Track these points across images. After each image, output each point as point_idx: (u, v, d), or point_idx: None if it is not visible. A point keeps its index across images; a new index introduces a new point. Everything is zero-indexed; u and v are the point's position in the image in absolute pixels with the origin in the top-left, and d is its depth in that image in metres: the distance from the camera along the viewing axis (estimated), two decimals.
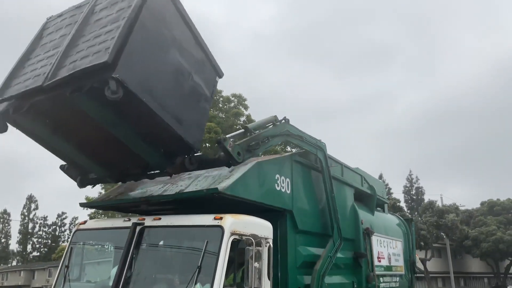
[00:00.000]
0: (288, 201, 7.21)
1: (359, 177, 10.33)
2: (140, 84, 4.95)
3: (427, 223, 38.42)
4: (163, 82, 5.40)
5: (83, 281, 6.65)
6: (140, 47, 5.07)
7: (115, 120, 5.33)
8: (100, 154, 6.01)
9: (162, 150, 5.85)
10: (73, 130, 5.69)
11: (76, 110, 5.19)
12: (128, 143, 5.60)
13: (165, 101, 5.33)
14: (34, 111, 5.38)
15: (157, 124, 5.31)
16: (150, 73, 5.19)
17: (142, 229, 5.97)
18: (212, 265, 5.27)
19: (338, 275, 8.37)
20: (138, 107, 5.04)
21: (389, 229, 11.16)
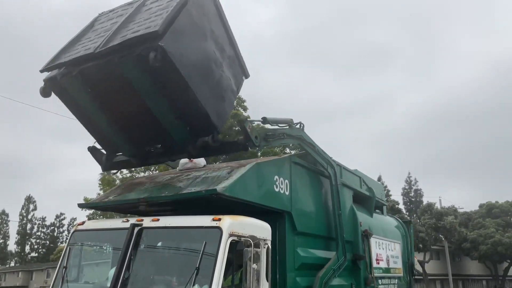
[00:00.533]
0: (286, 202, 7.20)
1: (357, 179, 10.33)
2: (180, 57, 5.58)
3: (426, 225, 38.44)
4: (198, 64, 6.04)
5: (81, 282, 6.63)
6: (184, 29, 5.81)
7: (152, 90, 5.79)
8: (131, 128, 6.36)
9: (188, 128, 6.20)
10: (111, 100, 6.11)
11: (119, 78, 5.70)
12: (159, 116, 5.98)
13: (198, 80, 5.92)
14: (81, 78, 5.90)
15: (188, 98, 5.82)
16: (189, 52, 5.85)
17: (140, 230, 5.96)
18: (210, 267, 5.26)
19: (336, 277, 8.36)
20: (175, 79, 5.62)
21: (387, 231, 11.16)
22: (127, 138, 6.48)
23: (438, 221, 38.36)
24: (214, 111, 6.18)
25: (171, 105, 5.96)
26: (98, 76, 5.88)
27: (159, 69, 5.40)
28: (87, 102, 6.17)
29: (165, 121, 6.04)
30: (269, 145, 6.99)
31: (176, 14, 5.62)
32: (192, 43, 5.98)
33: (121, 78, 5.71)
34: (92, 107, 6.19)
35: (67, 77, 5.94)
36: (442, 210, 40.71)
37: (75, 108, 6.38)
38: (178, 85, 5.70)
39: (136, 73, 5.64)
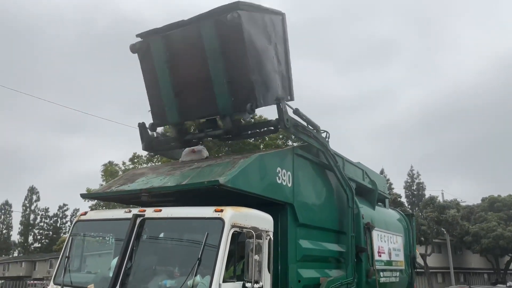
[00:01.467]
0: (289, 194, 7.19)
1: (360, 171, 10.30)
2: (247, 31, 6.79)
3: (428, 218, 38.44)
4: (259, 51, 7.16)
5: (84, 272, 6.66)
6: (258, 23, 7.25)
7: (217, 52, 6.83)
8: (186, 94, 7.30)
9: (232, 99, 6.94)
10: (180, 65, 7.21)
11: (196, 43, 6.94)
12: (214, 77, 6.92)
13: (254, 58, 6.95)
14: (166, 41, 7.17)
15: (242, 66, 6.82)
16: (255, 38, 7.05)
17: (142, 221, 5.96)
18: (212, 257, 5.27)
19: (338, 269, 8.37)
20: (238, 45, 6.75)
21: (389, 224, 11.14)
22: (178, 105, 7.37)
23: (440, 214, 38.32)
24: (259, 88, 6.97)
25: (227, 67, 6.88)
26: (180, 41, 7.16)
27: (229, 33, 6.71)
28: (162, 63, 7.25)
29: (217, 83, 6.91)
30: (296, 134, 7.42)
31: (257, 9, 7.21)
32: (259, 36, 7.23)
33: (197, 42, 6.92)
34: (163, 69, 7.26)
35: (156, 37, 7.26)
36: (444, 204, 40.65)
37: (149, 70, 7.46)
38: (239, 52, 6.78)
39: (211, 34, 6.82)
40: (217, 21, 6.78)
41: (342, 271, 8.44)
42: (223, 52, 6.86)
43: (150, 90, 7.66)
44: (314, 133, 7.80)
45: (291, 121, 7.16)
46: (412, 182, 59.28)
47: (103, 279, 6.02)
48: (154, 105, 7.71)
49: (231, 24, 6.57)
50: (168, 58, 7.24)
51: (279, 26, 7.94)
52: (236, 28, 6.64)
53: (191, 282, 5.17)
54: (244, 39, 6.71)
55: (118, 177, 7.66)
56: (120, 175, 7.64)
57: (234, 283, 5.41)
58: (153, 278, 5.78)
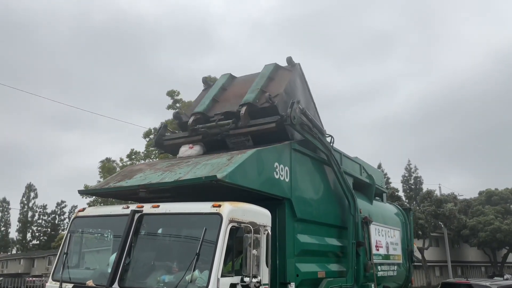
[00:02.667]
0: (286, 189, 7.21)
1: (358, 166, 10.33)
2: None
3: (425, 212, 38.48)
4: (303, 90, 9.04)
5: (82, 268, 6.67)
6: (296, 85, 8.82)
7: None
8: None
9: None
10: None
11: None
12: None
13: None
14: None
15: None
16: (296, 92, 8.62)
17: (140, 217, 5.97)
18: (210, 252, 5.28)
19: (336, 263, 8.41)
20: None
21: (387, 218, 11.19)
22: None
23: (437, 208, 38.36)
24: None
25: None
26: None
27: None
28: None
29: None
30: (302, 132, 7.63)
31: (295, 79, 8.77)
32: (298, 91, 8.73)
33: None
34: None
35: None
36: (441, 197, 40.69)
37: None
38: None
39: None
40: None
41: (341, 265, 8.48)
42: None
43: None
44: (319, 136, 8.07)
45: (298, 119, 7.41)
46: (409, 176, 59.25)
47: (101, 275, 6.03)
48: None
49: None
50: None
51: (299, 85, 8.97)
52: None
53: (190, 277, 5.19)
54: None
55: (116, 174, 7.66)
56: (117, 172, 7.63)
57: (233, 277, 5.43)
58: (152, 273, 5.80)
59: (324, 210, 8.27)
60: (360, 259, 9.07)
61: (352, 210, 8.75)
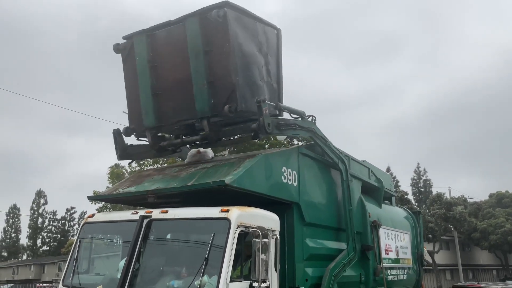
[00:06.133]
0: (295, 193, 7.20)
1: (366, 169, 10.28)
2: (234, 32, 6.55)
3: (435, 215, 38.26)
4: (246, 54, 6.82)
5: (92, 274, 6.70)
6: (248, 29, 6.95)
7: (200, 50, 6.55)
8: (165, 97, 7.02)
9: (212, 101, 6.61)
10: (162, 65, 7.00)
11: (179, 41, 6.74)
12: (194, 76, 6.61)
13: (240, 62, 6.61)
14: (151, 39, 7.02)
15: (225, 67, 6.52)
16: (243, 41, 6.76)
17: (149, 222, 6.00)
18: (219, 257, 5.29)
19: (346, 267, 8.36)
20: (223, 45, 6.49)
21: (396, 222, 11.12)
22: (156, 108, 7.06)
23: (447, 211, 38.14)
24: (241, 91, 6.57)
25: (209, 67, 6.57)
26: (164, 40, 7.00)
27: (214, 32, 6.49)
28: (144, 62, 7.02)
29: (197, 83, 6.59)
30: (280, 133, 7.12)
31: (248, 15, 6.95)
32: (248, 40, 6.90)
33: (181, 40, 6.72)
34: (144, 69, 7.02)
35: (141, 34, 7.09)
36: (451, 200, 40.46)
37: (130, 70, 7.27)
38: (222, 51, 6.50)
39: (195, 31, 6.57)
40: (202, 19, 6.58)
41: (350, 269, 8.44)
42: (207, 51, 6.59)
43: (130, 92, 7.45)
44: (298, 122, 7.39)
45: (273, 122, 6.68)
46: (418, 179, 58.92)
47: (111, 280, 6.05)
48: (132, 108, 7.42)
49: (216, 20, 6.40)
50: (150, 58, 7.04)
51: (273, 40, 7.63)
52: (222, 25, 6.44)
53: (199, 282, 5.20)
54: (229, 37, 6.46)
55: (125, 179, 7.70)
56: (126, 177, 7.67)
57: (241, 282, 5.42)
58: (161, 278, 5.81)
59: (333, 214, 8.24)
60: (370, 263, 9.03)
61: (344, 174, 8.29)
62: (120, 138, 7.50)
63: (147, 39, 7.06)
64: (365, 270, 8.93)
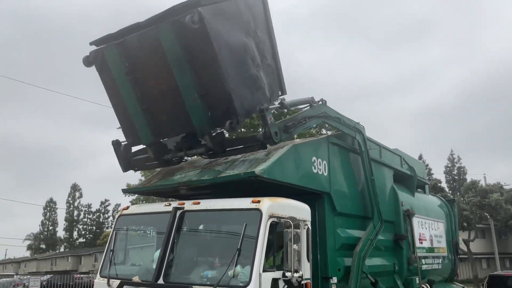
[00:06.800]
0: (325, 183, 7.17)
1: (398, 158, 10.14)
2: (216, 32, 5.70)
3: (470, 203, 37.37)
4: (234, 49, 6.07)
5: (128, 265, 6.87)
6: (228, 13, 6.04)
7: (183, 61, 5.80)
8: (154, 112, 6.31)
9: (209, 114, 6.00)
10: (144, 76, 6.20)
11: (156, 49, 5.84)
12: (183, 92, 5.90)
13: (230, 61, 5.91)
14: (122, 48, 6.15)
15: (215, 74, 5.79)
16: (227, 34, 5.94)
17: (182, 213, 6.09)
18: (251, 248, 5.32)
19: (378, 257, 8.30)
20: (206, 51, 5.68)
21: (430, 211, 10.95)
22: (149, 123, 6.36)
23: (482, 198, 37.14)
24: (239, 97, 5.98)
25: (197, 80, 5.86)
26: (138, 47, 6.08)
27: (193, 38, 5.55)
28: (122, 75, 6.23)
29: (188, 99, 5.90)
30: (290, 136, 6.60)
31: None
32: (232, 30, 6.06)
33: (157, 48, 5.81)
34: (126, 82, 6.24)
35: (110, 46, 6.22)
36: (487, 188, 39.38)
37: (110, 84, 6.46)
38: (208, 57, 5.69)
39: (171, 39, 5.71)
40: (176, 24, 5.65)
41: (383, 259, 8.38)
42: (189, 60, 5.79)
43: (116, 106, 6.64)
44: (307, 114, 6.91)
45: (280, 128, 6.22)
46: (452, 167, 57.52)
47: (146, 271, 6.19)
48: (124, 123, 6.70)
49: (192, 26, 5.42)
50: (128, 70, 6.18)
51: (258, 9, 6.70)
52: (200, 30, 5.47)
53: (232, 272, 5.25)
54: (211, 42, 5.59)
55: (157, 172, 7.83)
56: (158, 170, 7.77)
57: (274, 272, 5.45)
58: (195, 269, 5.91)
59: (364, 203, 8.17)
60: (403, 252, 8.93)
61: (363, 145, 8.04)
62: (120, 149, 7.00)
63: (117, 48, 6.16)
64: (398, 259, 8.84)
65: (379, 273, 7.92)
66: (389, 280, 8.45)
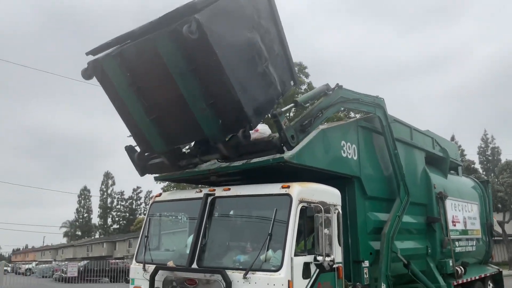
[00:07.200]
0: (355, 167, 7.12)
1: (429, 139, 9.97)
2: (217, 37, 5.29)
3: (505, 184, 36.46)
4: (238, 50, 5.74)
5: (162, 250, 7.05)
6: (228, 12, 5.62)
7: (185, 71, 5.46)
8: (164, 120, 6.05)
9: (220, 122, 5.75)
10: (147, 86, 5.90)
11: (156, 58, 5.47)
12: (190, 102, 5.60)
13: (235, 65, 5.57)
14: (121, 58, 5.80)
15: (222, 84, 5.46)
16: (229, 36, 5.57)
17: (213, 200, 6.18)
18: (282, 232, 5.37)
19: (411, 240, 8.24)
20: (209, 59, 5.29)
21: (463, 192, 10.76)
22: (160, 132, 6.13)
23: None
24: (250, 102, 5.72)
25: (203, 89, 5.55)
26: (137, 57, 5.69)
27: (193, 47, 5.10)
28: (125, 87, 5.94)
29: (196, 109, 5.62)
30: (308, 133, 6.21)
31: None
32: (235, 29, 5.68)
33: (157, 58, 5.44)
34: (129, 93, 5.96)
35: (108, 58, 5.86)
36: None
37: (113, 95, 6.22)
38: (212, 66, 5.32)
39: (170, 50, 5.32)
40: (174, 33, 5.22)
41: (416, 242, 8.30)
42: (193, 70, 5.46)
43: (123, 116, 6.40)
44: (323, 105, 6.45)
45: (296, 128, 5.88)
46: (486, 147, 55.98)
47: (180, 256, 6.34)
48: (135, 132, 6.50)
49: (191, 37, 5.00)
50: (130, 81, 5.87)
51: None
52: (200, 39, 5.06)
53: (264, 256, 5.32)
54: (214, 50, 5.21)
55: None
56: None
57: (306, 256, 5.50)
58: (227, 253, 6.01)
59: (395, 186, 8.08)
60: (436, 235, 8.83)
61: (383, 119, 7.74)
62: (134, 154, 6.89)
63: (116, 59, 5.82)
64: (431, 242, 8.75)
65: (411, 256, 7.86)
66: (422, 263, 8.38)
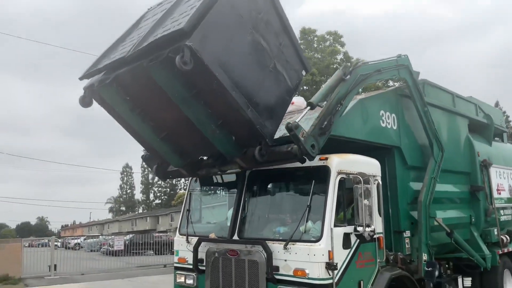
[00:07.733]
0: (395, 137, 6.98)
1: (473, 106, 9.62)
2: (214, 57, 4.79)
3: None
4: (240, 62, 5.22)
5: (203, 223, 7.23)
6: (221, 22, 4.94)
7: (187, 96, 5.04)
8: (176, 138, 5.78)
9: (233, 138, 5.47)
10: (151, 108, 5.54)
11: (153, 84, 5.00)
12: (198, 125, 5.27)
13: (240, 81, 5.12)
14: (117, 85, 5.40)
15: (228, 105, 5.06)
16: (227, 49, 5.03)
17: (251, 173, 6.24)
18: (321, 204, 5.39)
19: (454, 210, 8.08)
20: (210, 82, 4.83)
21: (509, 160, 10.38)
22: (173, 149, 5.89)
23: None
24: (261, 117, 5.38)
25: (210, 112, 5.20)
26: (133, 82, 5.32)
27: (191, 72, 4.60)
28: (127, 111, 5.64)
29: (207, 131, 5.31)
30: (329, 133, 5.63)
31: (210, 5, 4.78)
32: (232, 38, 5.13)
33: (154, 84, 4.99)
34: (133, 116, 5.63)
35: (103, 85, 5.47)
36: None
37: (118, 118, 5.93)
38: (215, 90, 4.92)
39: (166, 78, 4.88)
40: (165, 61, 4.67)
41: (459, 212, 8.12)
42: (195, 94, 5.03)
43: (134, 135, 6.11)
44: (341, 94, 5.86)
45: (315, 134, 5.38)
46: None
47: (221, 228, 6.49)
48: (149, 149, 6.38)
49: (185, 68, 4.47)
50: (132, 104, 5.53)
51: None
52: (196, 66, 4.54)
53: (303, 227, 5.37)
54: (213, 74, 4.73)
55: None
56: None
57: (345, 227, 5.50)
58: (267, 225, 6.10)
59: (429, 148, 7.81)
60: (480, 204, 8.62)
61: (410, 79, 7.25)
62: (152, 161, 6.76)
63: (112, 86, 5.41)
64: (475, 211, 8.55)
65: (454, 226, 7.71)
66: (465, 232, 8.22)
